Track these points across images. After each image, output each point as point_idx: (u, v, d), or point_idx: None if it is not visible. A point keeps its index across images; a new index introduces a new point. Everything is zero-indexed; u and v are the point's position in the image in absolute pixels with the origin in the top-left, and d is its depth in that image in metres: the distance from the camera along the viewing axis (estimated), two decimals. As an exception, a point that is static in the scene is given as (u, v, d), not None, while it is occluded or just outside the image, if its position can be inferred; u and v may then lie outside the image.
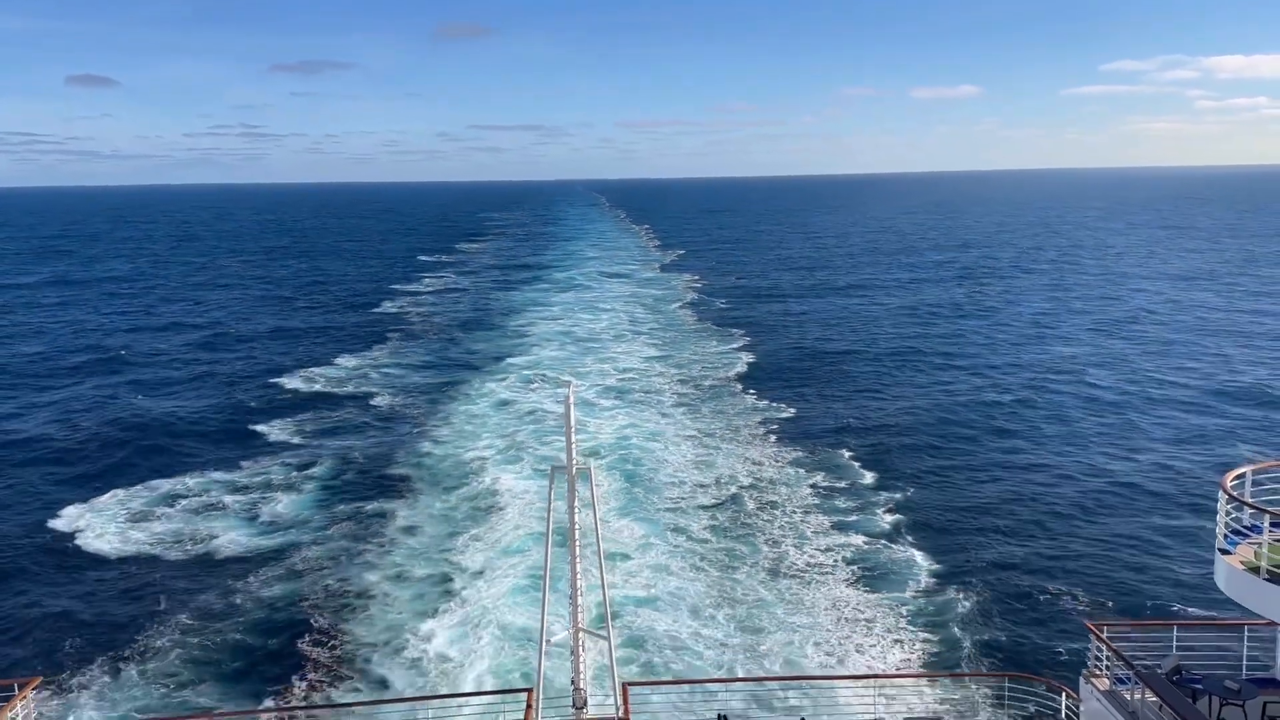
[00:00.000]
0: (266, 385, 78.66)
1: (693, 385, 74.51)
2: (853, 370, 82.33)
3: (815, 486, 50.42)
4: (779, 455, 56.08)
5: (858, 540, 43.02)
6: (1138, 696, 18.63)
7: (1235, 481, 18.39)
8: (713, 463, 54.50)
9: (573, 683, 19.75)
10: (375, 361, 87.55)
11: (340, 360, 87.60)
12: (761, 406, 67.58)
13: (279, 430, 64.33)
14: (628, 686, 20.29)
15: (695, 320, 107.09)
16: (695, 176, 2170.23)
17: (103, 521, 48.35)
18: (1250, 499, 18.26)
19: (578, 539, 19.23)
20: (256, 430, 64.43)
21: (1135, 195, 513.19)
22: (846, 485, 50.95)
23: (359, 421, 66.36)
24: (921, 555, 41.78)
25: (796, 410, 66.67)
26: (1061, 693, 21.20)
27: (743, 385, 74.51)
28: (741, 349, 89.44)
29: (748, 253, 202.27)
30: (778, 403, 68.43)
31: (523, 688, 21.14)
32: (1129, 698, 18.87)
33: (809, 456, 55.62)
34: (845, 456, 55.81)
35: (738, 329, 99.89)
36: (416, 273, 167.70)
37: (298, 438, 62.77)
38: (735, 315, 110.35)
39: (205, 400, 74.59)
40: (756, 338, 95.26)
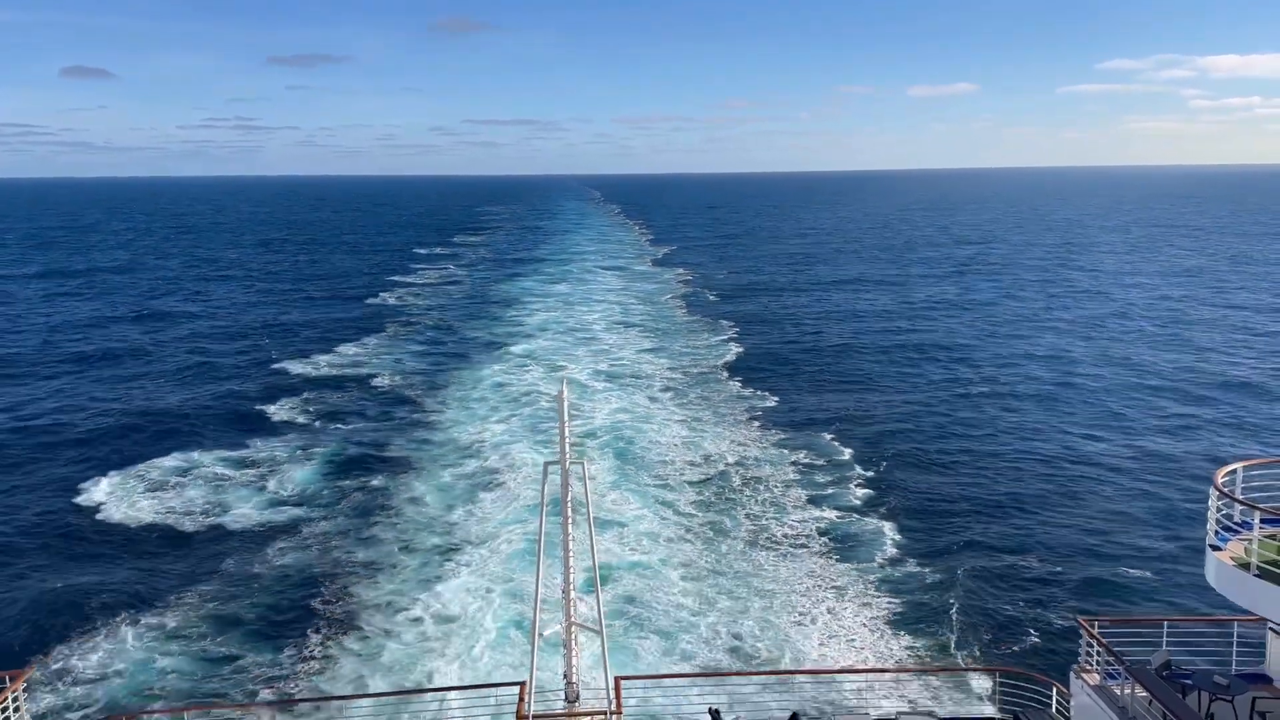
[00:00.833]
0: (270, 372, 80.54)
1: (682, 373, 76.88)
2: (844, 363, 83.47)
3: (814, 486, 50.05)
4: (764, 438, 58.29)
5: (852, 544, 42.56)
6: (1128, 691, 18.75)
7: (1226, 477, 18.56)
8: (700, 444, 56.95)
9: (565, 676, 19.97)
10: (374, 349, 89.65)
11: (341, 349, 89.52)
12: (748, 394, 69.87)
13: (283, 412, 66.55)
14: (620, 680, 20.46)
15: (686, 313, 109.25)
16: (693, 172, 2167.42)
17: (115, 500, 49.67)
18: (1241, 495, 18.44)
19: (570, 534, 19.44)
20: (263, 413, 66.47)
21: (1130, 194, 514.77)
22: (836, 481, 50.75)
23: (360, 406, 68.47)
24: (913, 556, 41.43)
25: (780, 399, 68.49)
26: (1052, 687, 21.30)
27: (730, 374, 76.88)
28: (730, 340, 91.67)
29: (743, 248, 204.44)
30: (764, 390, 70.64)
31: (515, 681, 21.23)
32: (1119, 693, 19.00)
33: (809, 454, 55.50)
34: (846, 455, 55.48)
35: (728, 321, 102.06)
36: (413, 264, 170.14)
37: (302, 416, 65.17)
38: (726, 309, 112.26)
39: (208, 387, 76.30)
40: (746, 329, 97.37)
